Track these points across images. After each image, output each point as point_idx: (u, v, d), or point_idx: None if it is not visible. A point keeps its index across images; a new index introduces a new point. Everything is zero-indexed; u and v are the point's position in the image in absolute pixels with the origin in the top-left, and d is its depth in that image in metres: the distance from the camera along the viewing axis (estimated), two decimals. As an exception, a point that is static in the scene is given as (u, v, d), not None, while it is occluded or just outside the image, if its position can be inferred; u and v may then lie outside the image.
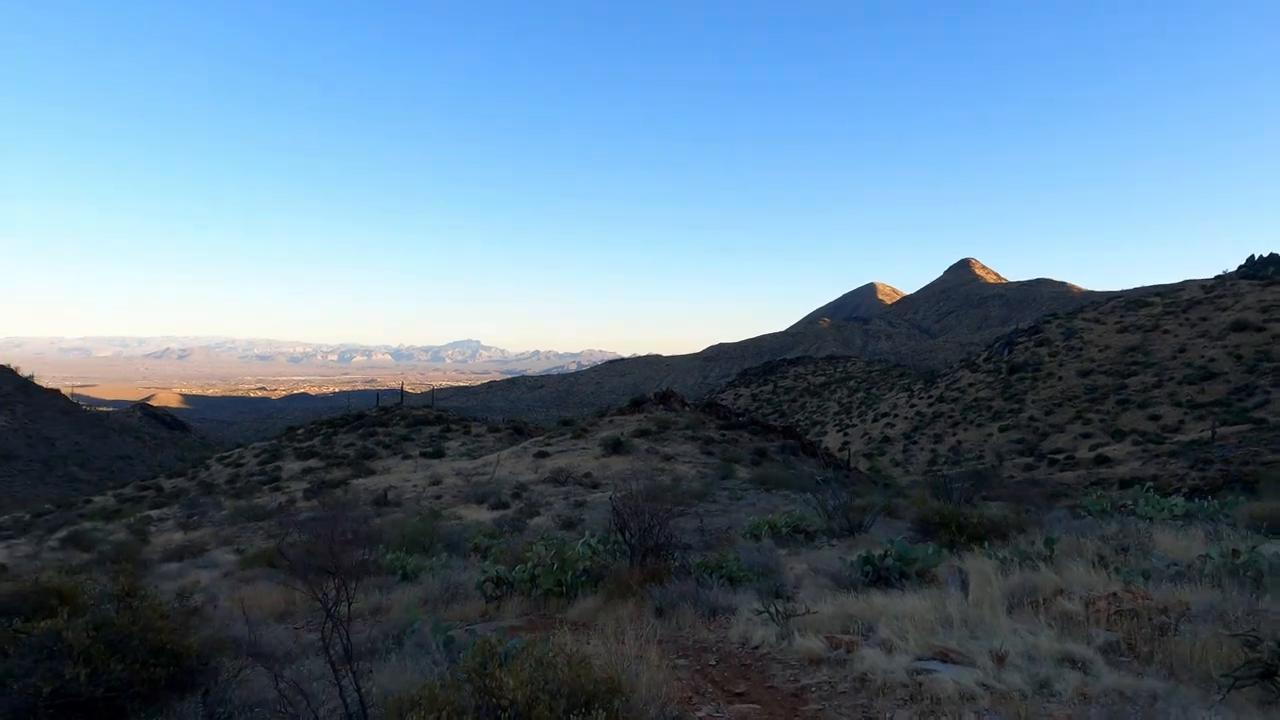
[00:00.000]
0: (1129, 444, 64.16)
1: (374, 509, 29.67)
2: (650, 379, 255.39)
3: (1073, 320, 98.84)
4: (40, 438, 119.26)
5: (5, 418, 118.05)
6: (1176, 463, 55.66)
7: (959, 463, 73.61)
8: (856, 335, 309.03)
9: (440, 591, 8.61)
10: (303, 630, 7.46)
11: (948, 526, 9.98)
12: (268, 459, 53.97)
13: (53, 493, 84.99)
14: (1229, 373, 71.65)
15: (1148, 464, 57.22)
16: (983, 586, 6.19)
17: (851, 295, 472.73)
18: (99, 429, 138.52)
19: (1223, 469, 52.44)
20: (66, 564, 14.52)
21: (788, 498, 24.45)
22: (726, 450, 43.03)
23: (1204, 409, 66.72)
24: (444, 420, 62.29)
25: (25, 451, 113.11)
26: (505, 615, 7.82)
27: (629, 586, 7.52)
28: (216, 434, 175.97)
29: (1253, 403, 64.85)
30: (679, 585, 7.39)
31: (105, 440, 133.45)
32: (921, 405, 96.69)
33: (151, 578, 12.63)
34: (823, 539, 11.75)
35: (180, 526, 26.85)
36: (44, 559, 21.56)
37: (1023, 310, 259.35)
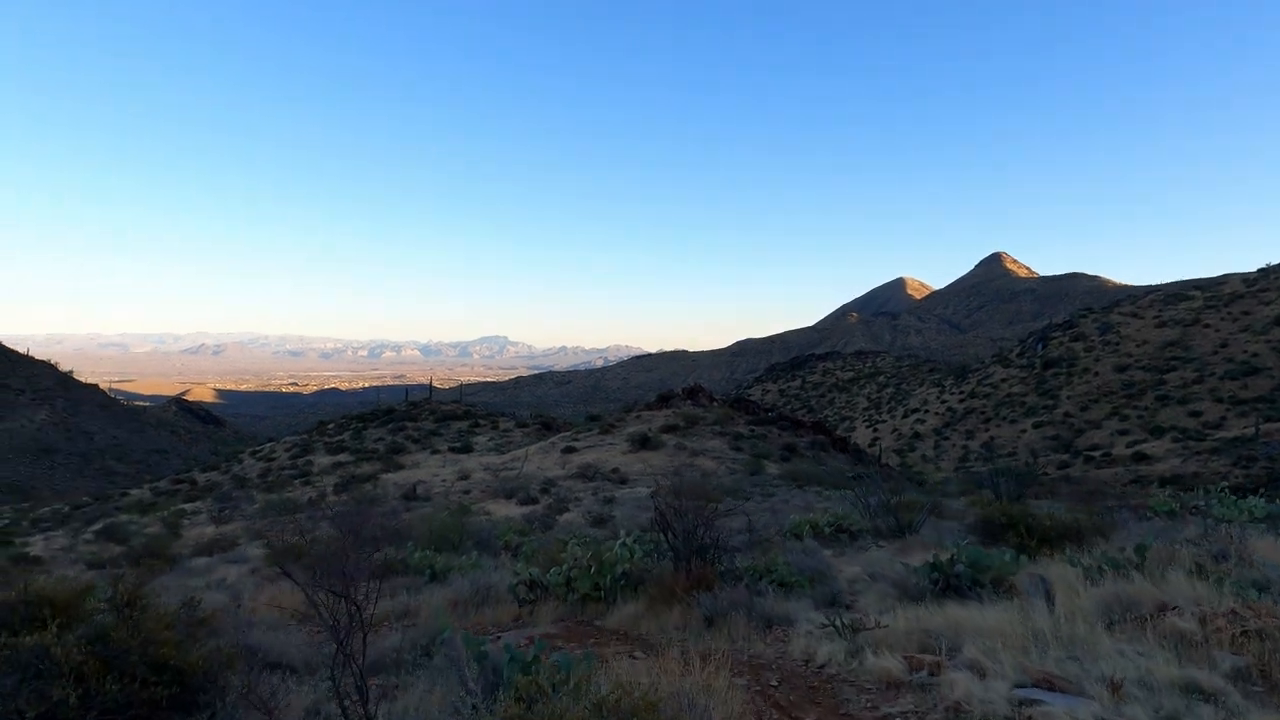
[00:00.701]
0: (1168, 441, 62.65)
1: (403, 503, 29.64)
2: (676, 374, 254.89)
3: (1109, 314, 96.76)
4: (79, 432, 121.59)
5: (46, 412, 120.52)
6: (1218, 460, 54.25)
7: (991, 460, 72.30)
8: (885, 331, 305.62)
9: (470, 594, 8.29)
10: (326, 635, 7.06)
11: (1016, 529, 9.27)
12: (299, 453, 54.43)
13: (91, 486, 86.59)
14: (1273, 368, 69.68)
15: (1188, 461, 55.83)
16: (1070, 598, 5.69)
17: (880, 290, 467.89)
18: (136, 423, 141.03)
19: (1267, 466, 50.99)
20: (98, 557, 14.56)
21: (821, 494, 23.97)
22: (755, 446, 42.55)
23: (1247, 405, 64.97)
24: (472, 415, 62.39)
25: (65, 445, 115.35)
26: (539, 620, 7.45)
27: (674, 592, 7.11)
28: (250, 428, 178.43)
29: (1298, 399, 63.00)
30: (729, 593, 6.94)
31: (142, 434, 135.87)
32: (953, 401, 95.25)
33: (179, 573, 12.53)
34: (868, 539, 11.25)
35: (212, 520, 26.99)
36: (79, 551, 21.70)
37: (1055, 305, 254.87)
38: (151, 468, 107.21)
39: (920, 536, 10.95)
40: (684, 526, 7.63)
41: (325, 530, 18.49)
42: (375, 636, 6.02)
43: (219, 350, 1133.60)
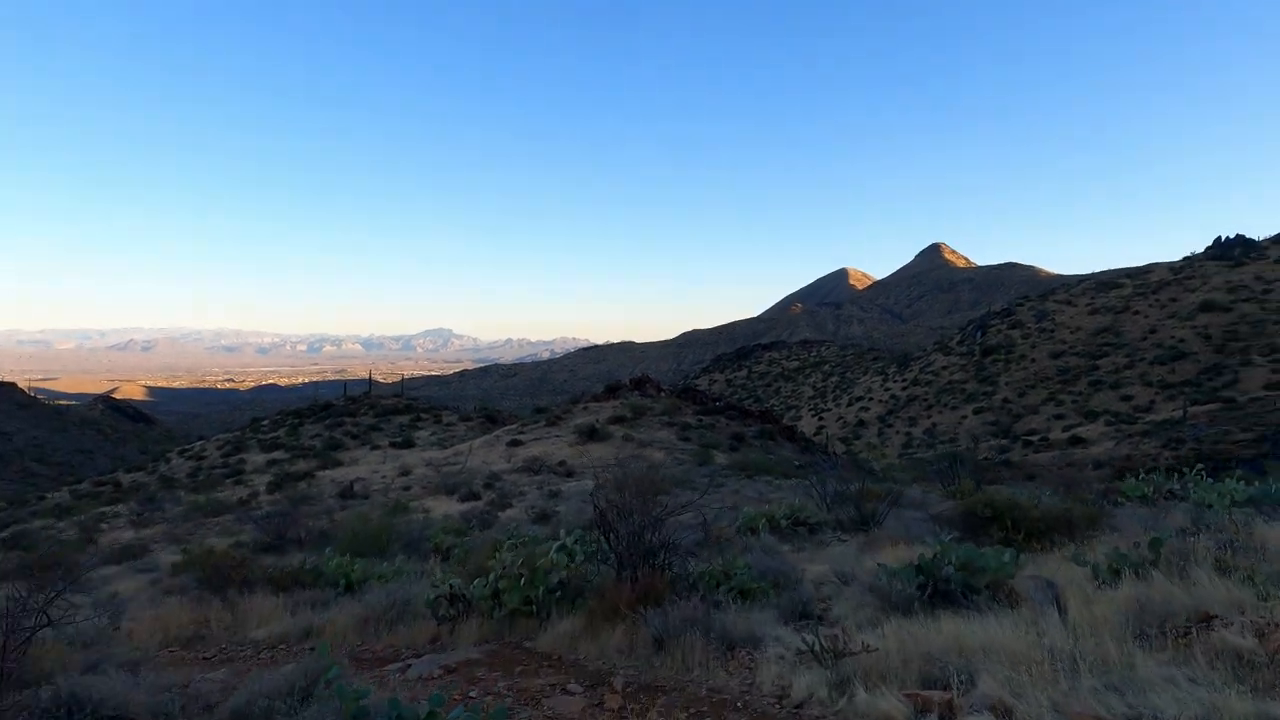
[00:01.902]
0: (1102, 424, 64.36)
1: (339, 502, 28.39)
2: (624, 366, 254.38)
3: (1045, 302, 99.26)
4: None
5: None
6: (1149, 442, 55.82)
7: (934, 445, 73.51)
8: (829, 320, 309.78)
9: (384, 609, 7.18)
10: (211, 663, 6.14)
11: (1001, 521, 8.43)
12: (231, 451, 52.23)
13: (8, 489, 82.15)
14: (1198, 353, 72.13)
15: (1121, 444, 57.34)
16: (1085, 606, 5.00)
17: (824, 281, 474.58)
18: (58, 422, 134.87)
19: (1194, 448, 52.63)
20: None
21: (771, 484, 23.56)
22: (704, 436, 42.17)
23: (1175, 389, 67.11)
24: (414, 409, 60.80)
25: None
26: (460, 641, 6.47)
27: (616, 607, 6.17)
28: (183, 427, 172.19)
29: (1222, 382, 65.36)
30: (682, 606, 6.00)
31: (65, 434, 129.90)
32: (896, 389, 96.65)
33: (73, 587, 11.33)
34: (828, 532, 10.55)
35: (131, 524, 25.40)
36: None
37: (992, 294, 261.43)
38: (75, 469, 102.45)
39: (885, 530, 10.20)
40: (629, 527, 6.67)
41: (250, 533, 17.44)
42: (260, 668, 5.21)
43: (149, 346, 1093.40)
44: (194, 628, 7.24)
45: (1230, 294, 79.53)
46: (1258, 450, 46.20)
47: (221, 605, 7.53)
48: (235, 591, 7.54)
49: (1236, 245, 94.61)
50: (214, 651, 6.61)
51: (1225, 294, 79.95)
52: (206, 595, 7.62)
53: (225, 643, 6.86)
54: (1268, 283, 79.65)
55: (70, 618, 5.23)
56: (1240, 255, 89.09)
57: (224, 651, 6.57)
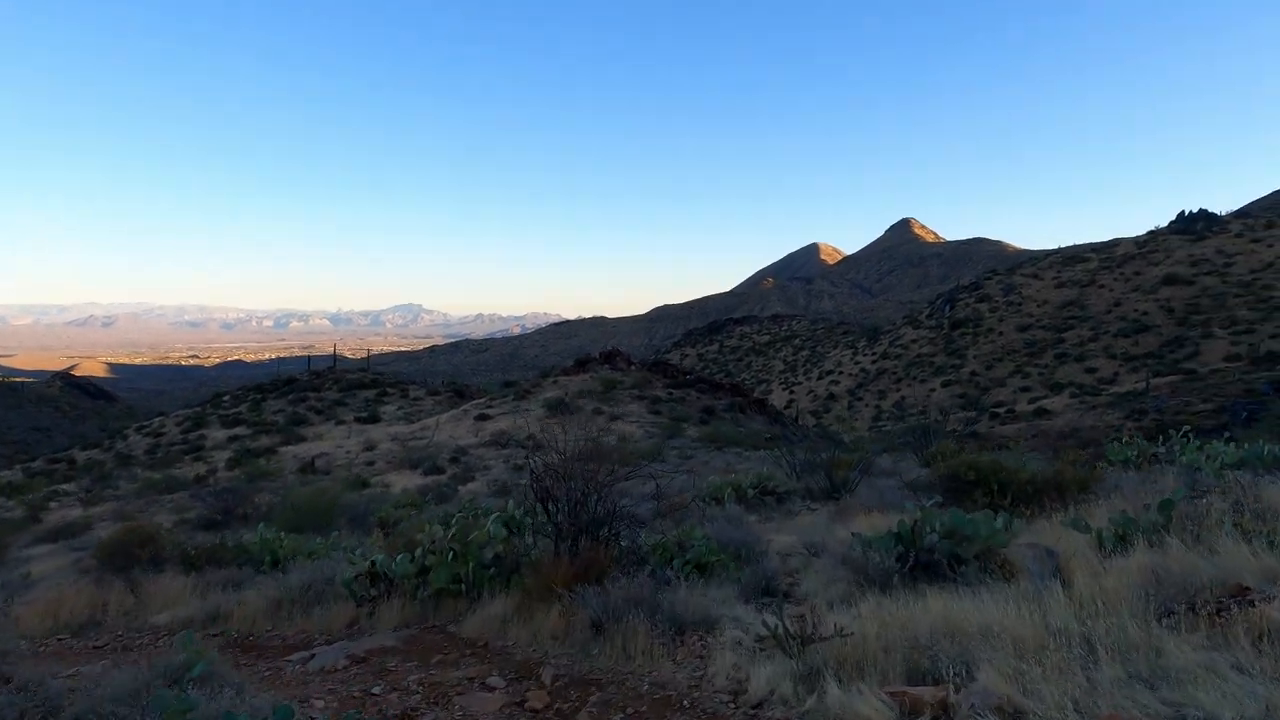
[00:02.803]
0: (1067, 396, 65.05)
1: (299, 477, 27.63)
2: (596, 341, 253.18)
3: (1012, 276, 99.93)
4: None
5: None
6: (1113, 413, 56.50)
7: (903, 418, 73.98)
8: (800, 295, 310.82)
9: (301, 590, 6.46)
10: (101, 652, 5.49)
11: (985, 485, 7.74)
12: (191, 427, 50.93)
13: (-41, 468, 79.85)
14: (1161, 325, 73.12)
15: (1085, 415, 57.97)
16: (1092, 578, 4.29)
17: (795, 256, 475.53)
18: (13, 400, 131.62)
19: (1156, 419, 53.39)
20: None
21: (740, 455, 23.24)
22: (674, 409, 41.91)
23: (1138, 361, 68.00)
24: (380, 384, 59.75)
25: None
26: (379, 625, 5.83)
27: (551, 585, 5.45)
28: (145, 404, 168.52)
29: (1183, 354, 66.30)
30: (627, 585, 5.29)
31: (20, 412, 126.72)
32: (865, 362, 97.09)
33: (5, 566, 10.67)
34: (797, 501, 10.06)
35: (81, 502, 24.46)
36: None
37: (961, 269, 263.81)
38: (31, 447, 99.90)
39: (857, 498, 9.68)
40: (569, 495, 5.91)
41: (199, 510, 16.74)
42: (144, 657, 4.66)
43: (109, 322, 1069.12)
44: (89, 612, 6.55)
45: (1192, 267, 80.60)
46: (1217, 421, 46.92)
47: (124, 587, 6.86)
48: (141, 571, 6.91)
49: (1199, 219, 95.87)
50: (107, 639, 5.95)
51: (1188, 267, 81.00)
52: (108, 576, 6.96)
53: (122, 629, 6.23)
54: (1229, 256, 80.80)
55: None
56: (1203, 229, 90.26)
57: (118, 639, 5.93)
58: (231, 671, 3.59)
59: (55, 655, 5.35)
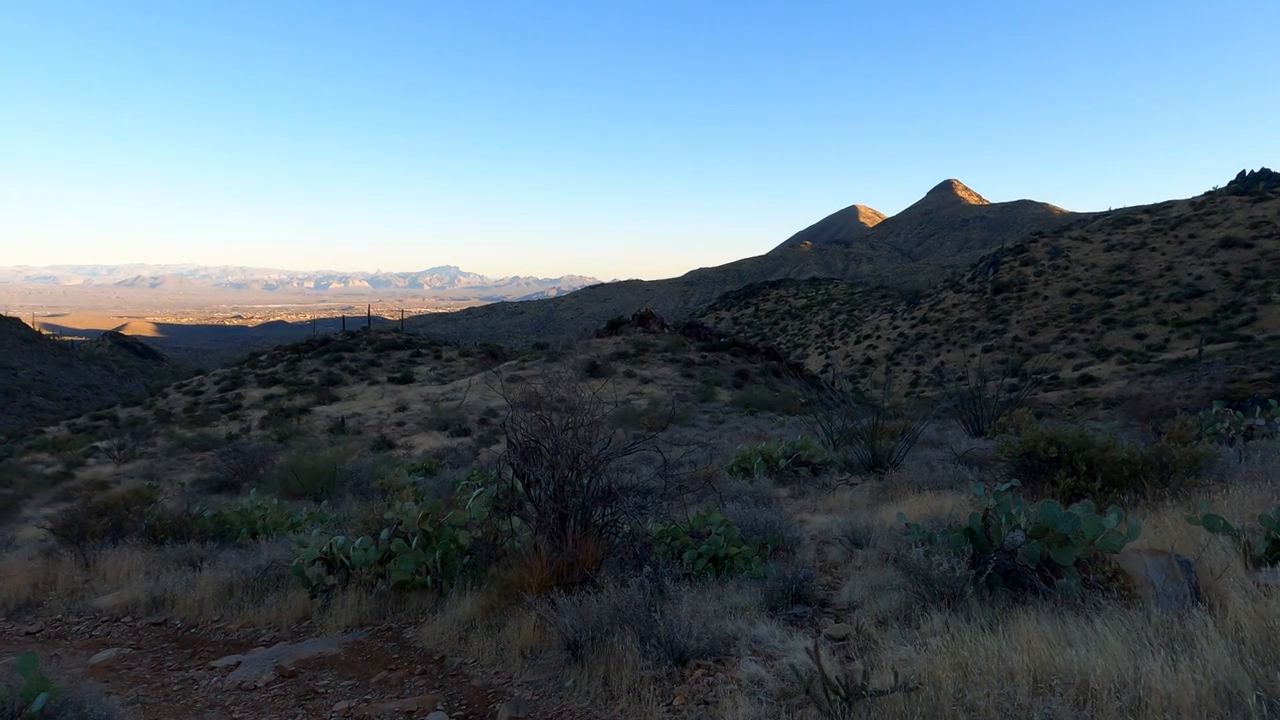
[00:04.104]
0: (1114, 363, 63.19)
1: (329, 437, 27.64)
2: (630, 304, 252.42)
3: (1059, 239, 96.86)
4: (0, 367, 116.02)
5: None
6: (1162, 381, 54.70)
7: (942, 384, 72.54)
8: (838, 258, 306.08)
9: (257, 574, 5.72)
10: (34, 639, 4.99)
11: (1069, 464, 6.25)
12: (228, 386, 51.59)
13: (13, 423, 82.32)
14: (1216, 290, 70.37)
15: (1133, 383, 56.23)
16: (1250, 601, 3.18)
17: (833, 218, 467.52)
18: (64, 358, 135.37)
19: (1208, 387, 51.50)
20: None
21: (774, 420, 22.61)
22: (707, 372, 41.32)
23: (1190, 327, 65.60)
24: (414, 345, 59.94)
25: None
26: (329, 623, 5.06)
27: (526, 584, 4.53)
28: (191, 363, 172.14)
29: (1239, 320, 63.82)
30: (615, 593, 4.25)
31: (71, 369, 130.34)
32: (904, 327, 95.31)
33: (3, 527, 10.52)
34: (834, 474, 9.23)
35: (114, 459, 24.72)
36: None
37: (1004, 232, 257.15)
38: (82, 404, 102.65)
39: (903, 472, 8.52)
40: (556, 473, 4.84)
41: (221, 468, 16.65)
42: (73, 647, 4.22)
43: (157, 283, 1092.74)
44: (30, 590, 6.00)
45: (1252, 230, 77.24)
46: (1275, 390, 45.09)
47: (75, 562, 6.41)
48: (98, 545, 6.49)
49: (1261, 179, 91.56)
50: (42, 624, 5.41)
51: (1247, 230, 77.66)
52: (61, 549, 6.54)
53: (62, 612, 5.70)
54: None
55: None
56: (1265, 190, 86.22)
57: (53, 624, 5.40)
58: (103, 700, 2.93)
59: None
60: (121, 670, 4.19)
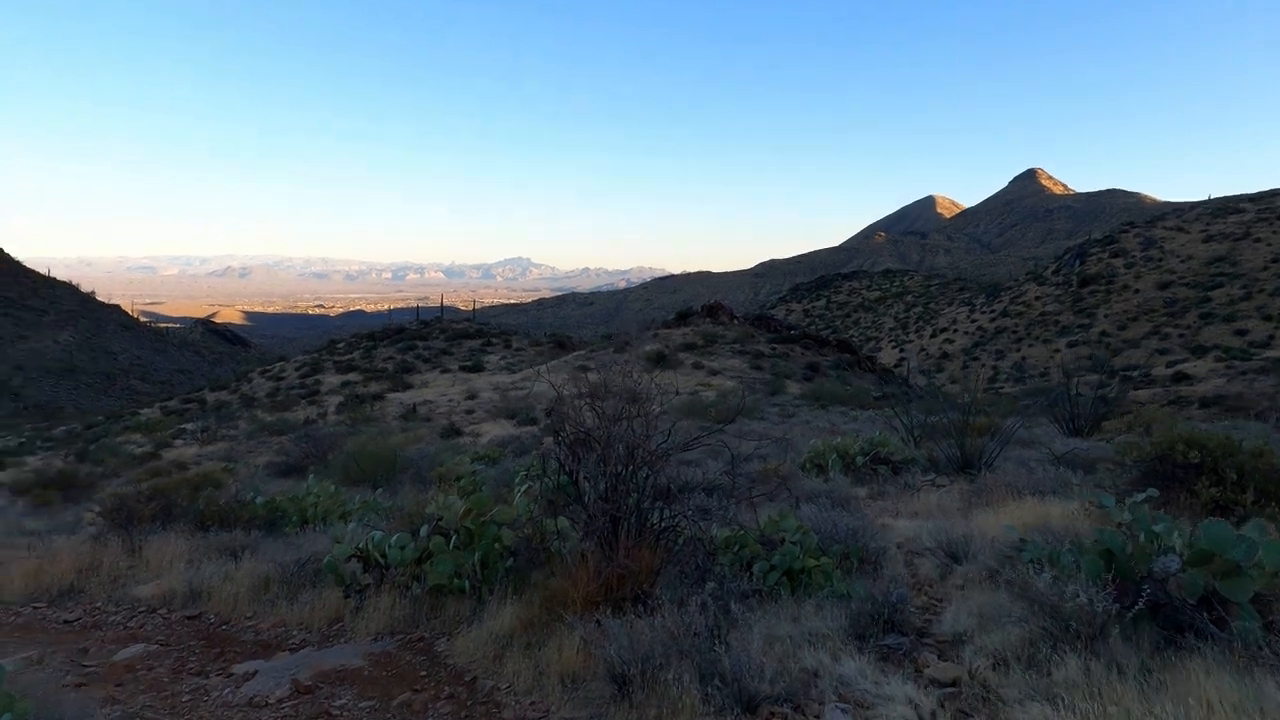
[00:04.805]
0: (1211, 360, 59.77)
1: (400, 423, 28.07)
2: (700, 296, 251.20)
3: (1152, 229, 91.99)
4: (102, 352, 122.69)
5: (70, 333, 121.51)
6: (1265, 380, 51.48)
7: (1022, 380, 70.05)
8: (913, 250, 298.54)
9: (295, 568, 5.39)
10: (71, 629, 4.87)
11: (1213, 472, 5.41)
12: (308, 372, 53.19)
13: (113, 405, 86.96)
14: (1329, 284, 65.85)
15: (1232, 381, 53.10)
16: None
17: (909, 209, 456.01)
18: (160, 344, 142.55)
19: (1316, 388, 48.18)
20: (19, 483, 12.95)
21: (846, 415, 21.89)
22: (777, 365, 40.61)
23: (1299, 323, 61.61)
24: (484, 334, 60.79)
25: (88, 365, 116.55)
26: (360, 628, 4.63)
27: (569, 598, 4.00)
28: (276, 350, 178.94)
29: (1355, 316, 59.57)
30: (673, 617, 3.63)
31: (165, 354, 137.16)
32: (983, 320, 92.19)
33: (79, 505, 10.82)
34: (916, 473, 8.58)
35: (197, 440, 25.63)
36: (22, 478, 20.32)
37: (1091, 222, 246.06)
38: (175, 387, 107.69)
39: (997, 474, 7.73)
40: (610, 468, 4.27)
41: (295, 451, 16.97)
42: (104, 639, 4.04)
43: (245, 273, 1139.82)
44: (75, 576, 5.87)
45: (1371, 219, 72.01)
46: (1396, 391, 41.85)
47: (121, 548, 6.27)
48: (145, 530, 6.44)
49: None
50: (80, 612, 5.30)
51: (1365, 219, 72.44)
52: (109, 534, 6.50)
53: (102, 599, 5.57)
54: None
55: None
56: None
57: (92, 612, 5.30)
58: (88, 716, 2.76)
59: (20, 628, 4.88)
60: (140, 671, 4.03)
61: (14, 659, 3.92)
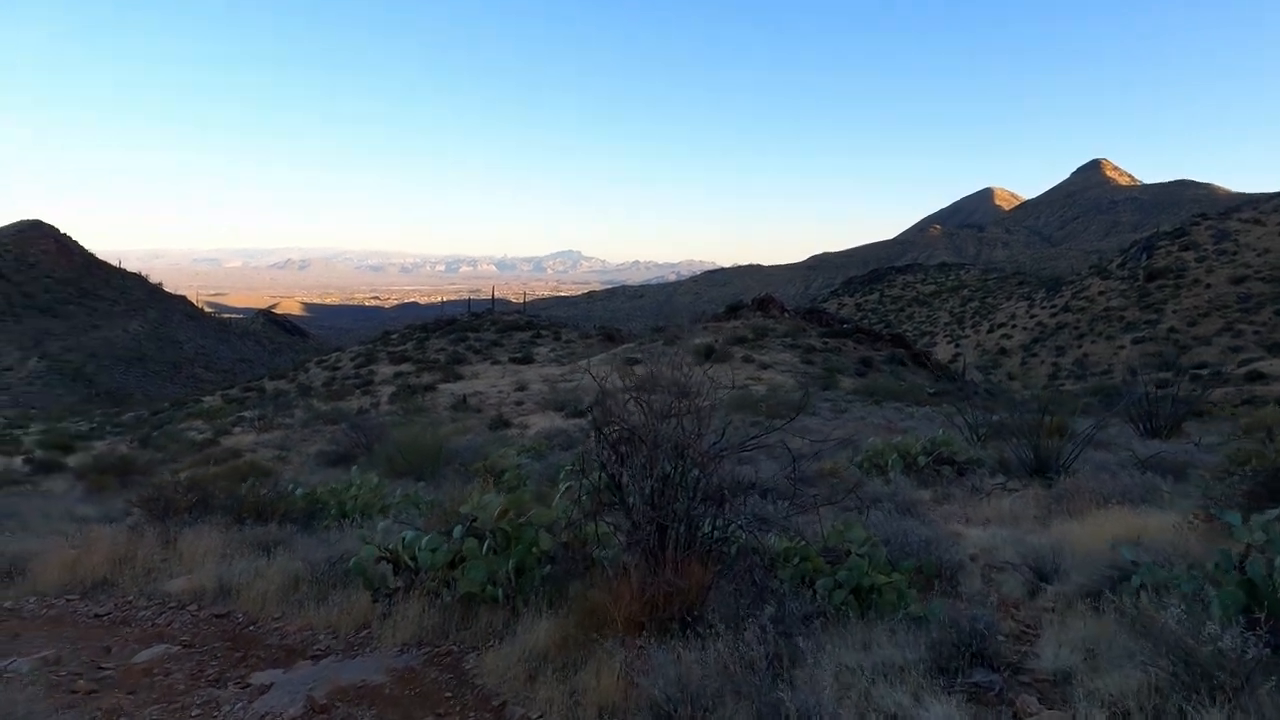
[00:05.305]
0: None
1: (450, 414, 28.28)
2: (750, 289, 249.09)
3: (1226, 221, 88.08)
4: (169, 341, 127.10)
5: (139, 322, 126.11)
6: (1348, 381, 48.92)
7: (1084, 377, 67.86)
8: (970, 243, 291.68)
9: (326, 566, 5.19)
10: (100, 623, 4.78)
11: None
12: (363, 363, 54.16)
13: (178, 392, 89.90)
14: None
15: (1313, 382, 50.57)
16: None
17: (966, 201, 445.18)
18: (223, 334, 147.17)
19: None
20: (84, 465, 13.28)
21: (901, 411, 21.30)
22: (829, 359, 39.97)
23: (1387, 321, 58.42)
24: (534, 326, 61.17)
25: (156, 353, 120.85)
26: (389, 635, 4.35)
27: (610, 616, 3.62)
28: (333, 340, 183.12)
29: None
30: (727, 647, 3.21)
31: (228, 344, 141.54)
32: (1043, 315, 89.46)
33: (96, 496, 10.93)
34: (983, 475, 8.16)
35: (254, 428, 26.19)
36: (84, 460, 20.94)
37: (1159, 215, 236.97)
38: (237, 376, 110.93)
39: (1076, 478, 7.11)
40: (657, 470, 3.85)
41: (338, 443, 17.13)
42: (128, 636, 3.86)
43: (305, 266, 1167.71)
44: (109, 568, 5.77)
45: None
46: None
47: (157, 539, 6.12)
48: (181, 522, 6.33)
49: None
50: (112, 605, 5.19)
51: None
52: (143, 525, 6.44)
53: (134, 593, 5.46)
54: None
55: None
56: None
57: (123, 606, 5.18)
58: None
59: (50, 621, 4.80)
60: (156, 676, 3.87)
61: (31, 659, 3.86)
